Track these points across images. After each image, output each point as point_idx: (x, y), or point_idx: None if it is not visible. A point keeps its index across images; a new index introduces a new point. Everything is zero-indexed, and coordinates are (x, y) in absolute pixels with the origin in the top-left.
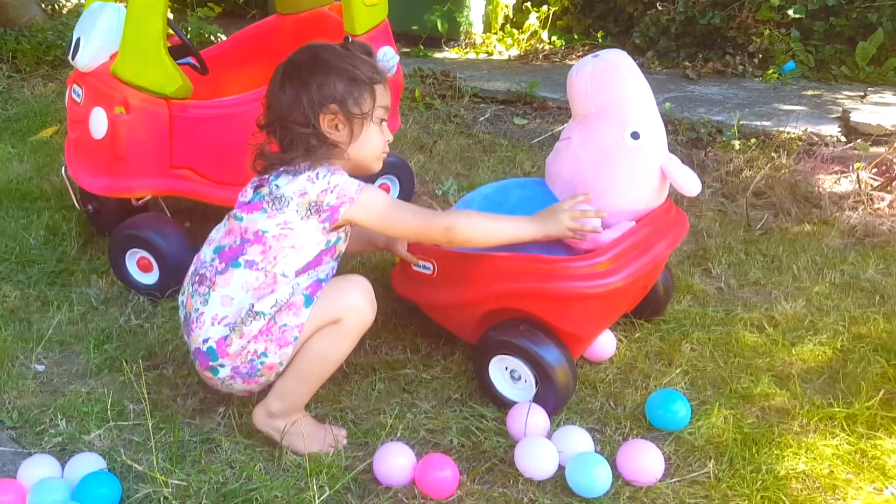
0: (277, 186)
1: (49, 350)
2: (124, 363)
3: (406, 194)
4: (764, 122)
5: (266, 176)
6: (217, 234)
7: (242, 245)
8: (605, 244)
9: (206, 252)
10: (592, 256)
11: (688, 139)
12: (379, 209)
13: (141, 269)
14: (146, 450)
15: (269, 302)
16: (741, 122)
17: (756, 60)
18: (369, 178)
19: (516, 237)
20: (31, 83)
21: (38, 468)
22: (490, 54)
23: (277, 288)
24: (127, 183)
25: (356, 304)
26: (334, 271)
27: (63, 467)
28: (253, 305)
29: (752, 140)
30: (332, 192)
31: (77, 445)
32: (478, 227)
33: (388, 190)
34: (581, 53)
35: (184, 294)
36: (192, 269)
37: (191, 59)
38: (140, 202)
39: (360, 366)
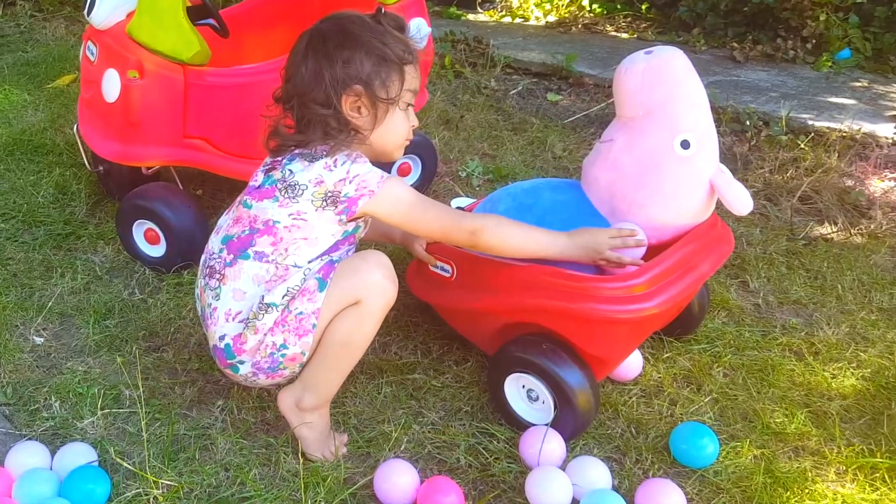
0: (291, 172)
1: (49, 321)
2: (124, 343)
3: (428, 175)
4: (813, 116)
5: (279, 158)
6: (225, 222)
7: (251, 235)
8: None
9: (215, 242)
10: (628, 277)
11: (731, 130)
12: (402, 206)
13: (148, 240)
14: (139, 442)
15: (279, 292)
16: (790, 116)
17: (809, 46)
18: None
19: (547, 252)
20: (52, 24)
21: (27, 456)
22: (527, 19)
23: (288, 277)
24: (137, 150)
25: (376, 281)
26: (350, 254)
27: (53, 456)
28: (263, 297)
29: (801, 136)
30: (350, 182)
31: (69, 431)
32: (506, 234)
33: (409, 170)
34: (622, 24)
35: (197, 286)
36: (202, 258)
37: (211, 20)
38: (150, 171)
39: (368, 364)
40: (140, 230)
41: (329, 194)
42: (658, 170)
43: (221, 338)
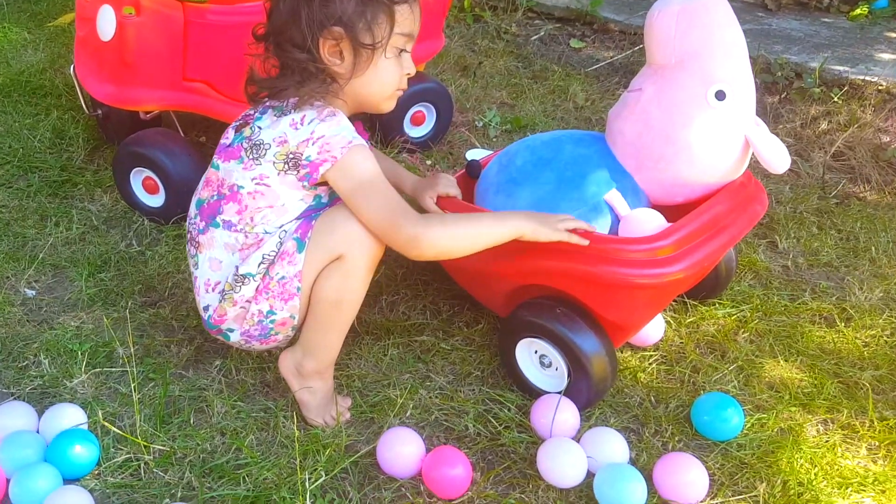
0: (259, 129)
1: (42, 273)
2: (119, 298)
3: (443, 124)
4: (848, 69)
5: (251, 112)
6: (200, 184)
7: (219, 202)
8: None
9: (192, 205)
10: (652, 240)
11: (761, 82)
12: (353, 179)
13: (147, 189)
14: (131, 403)
15: (255, 260)
16: (823, 67)
17: None
18: (405, 102)
19: (497, 238)
20: None
21: (12, 417)
22: None
23: (262, 243)
24: (133, 93)
25: (356, 234)
26: None
27: (40, 417)
28: (238, 268)
29: (835, 89)
30: (314, 143)
31: (58, 391)
32: (452, 235)
33: (423, 119)
34: None
35: (187, 244)
36: (187, 221)
37: None
38: (149, 116)
39: (374, 325)
40: (138, 179)
41: (291, 156)
42: (689, 122)
43: (205, 308)
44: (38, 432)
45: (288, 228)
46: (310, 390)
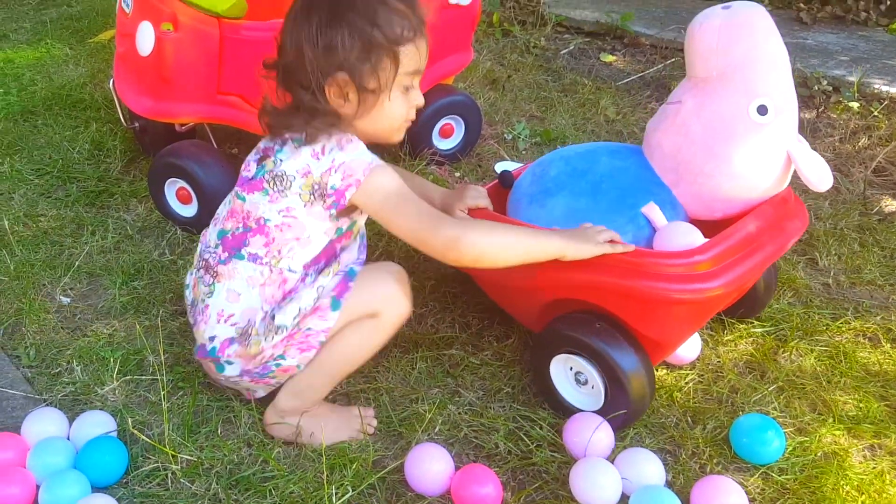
0: (280, 161)
1: (77, 280)
2: (151, 306)
3: (471, 137)
4: (888, 82)
5: (272, 145)
6: (222, 212)
7: (245, 234)
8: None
9: (212, 233)
10: (691, 254)
11: (799, 96)
12: (381, 196)
13: (180, 199)
14: (160, 411)
15: (291, 312)
16: (862, 81)
17: (883, 7)
18: (434, 115)
19: (541, 253)
20: None
21: (43, 423)
22: None
23: (291, 290)
24: (170, 106)
25: (393, 295)
26: (362, 261)
27: (70, 423)
28: (273, 318)
29: (874, 103)
30: (336, 171)
31: (90, 398)
32: (492, 241)
33: (451, 132)
34: None
35: (190, 275)
36: (199, 247)
37: None
38: (184, 128)
39: (402, 337)
40: (172, 189)
41: (316, 186)
42: (730, 137)
43: (211, 339)
44: (68, 439)
45: (325, 284)
46: (311, 425)
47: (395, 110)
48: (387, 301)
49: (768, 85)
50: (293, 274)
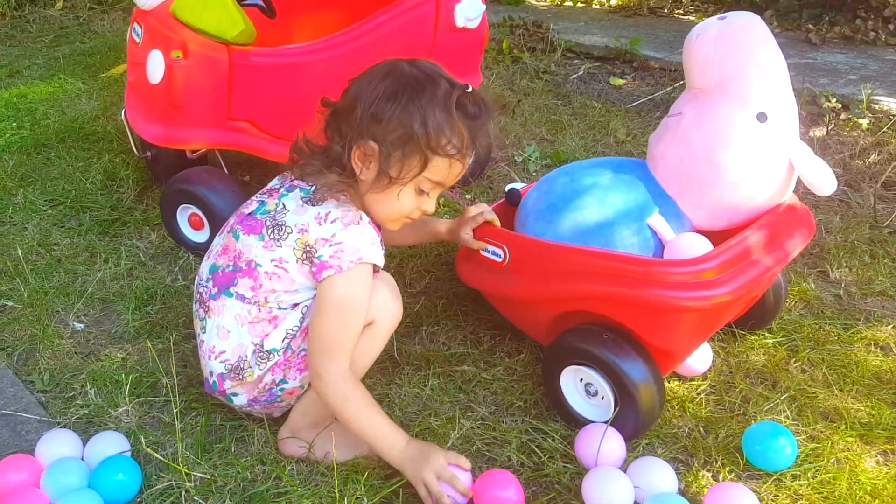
0: (284, 208)
1: (90, 307)
2: (164, 330)
3: (482, 160)
4: None
5: (278, 185)
6: (216, 246)
7: (234, 273)
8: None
9: (205, 268)
10: (697, 262)
11: (808, 114)
12: (338, 294)
13: (192, 225)
14: (174, 431)
15: (278, 336)
16: (871, 98)
17: (891, 27)
18: None
19: (375, 445)
20: (111, 16)
21: (57, 445)
22: (589, 3)
23: (280, 322)
24: (181, 133)
25: (386, 302)
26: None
27: (84, 445)
28: (262, 345)
29: (884, 120)
30: (331, 245)
31: (104, 419)
32: (344, 408)
33: None
34: (690, 8)
35: (194, 303)
36: (196, 279)
37: (258, 0)
38: (195, 154)
39: (414, 355)
40: (184, 215)
41: (308, 247)
42: (731, 145)
43: (211, 373)
44: (82, 460)
45: (310, 305)
46: (321, 432)
47: (401, 204)
48: (381, 309)
49: (766, 93)
50: (283, 311)
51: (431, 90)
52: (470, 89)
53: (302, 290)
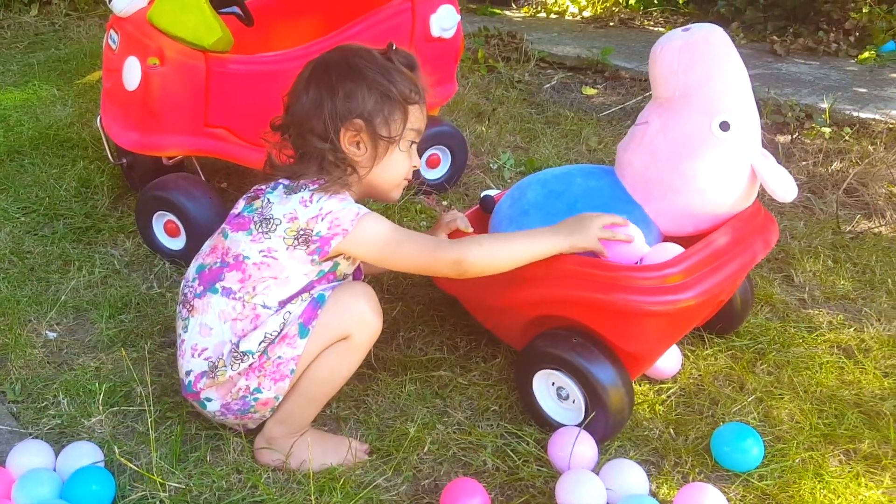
0: (269, 202)
1: (63, 315)
2: (139, 338)
3: (457, 167)
4: (858, 108)
5: (262, 186)
6: (205, 248)
7: (221, 269)
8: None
9: (192, 268)
10: (662, 267)
11: (772, 123)
12: (377, 243)
13: (168, 233)
14: (148, 441)
15: (256, 338)
16: (833, 107)
17: (852, 39)
18: (421, 145)
19: (538, 253)
20: (86, 23)
21: (29, 455)
22: (562, 15)
23: (261, 323)
24: (157, 140)
25: (362, 315)
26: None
27: (57, 455)
28: (238, 345)
29: (846, 129)
30: (323, 219)
31: (76, 429)
32: (491, 253)
33: (438, 162)
34: (660, 19)
35: (178, 305)
36: (182, 282)
37: (235, 8)
38: (172, 161)
39: (391, 361)
40: (160, 222)
41: (301, 232)
42: (695, 153)
43: (188, 373)
44: (55, 471)
45: (293, 310)
46: (301, 451)
47: (400, 164)
48: (356, 322)
49: (729, 102)
50: (267, 310)
51: (370, 58)
52: (394, 47)
53: (292, 276)
